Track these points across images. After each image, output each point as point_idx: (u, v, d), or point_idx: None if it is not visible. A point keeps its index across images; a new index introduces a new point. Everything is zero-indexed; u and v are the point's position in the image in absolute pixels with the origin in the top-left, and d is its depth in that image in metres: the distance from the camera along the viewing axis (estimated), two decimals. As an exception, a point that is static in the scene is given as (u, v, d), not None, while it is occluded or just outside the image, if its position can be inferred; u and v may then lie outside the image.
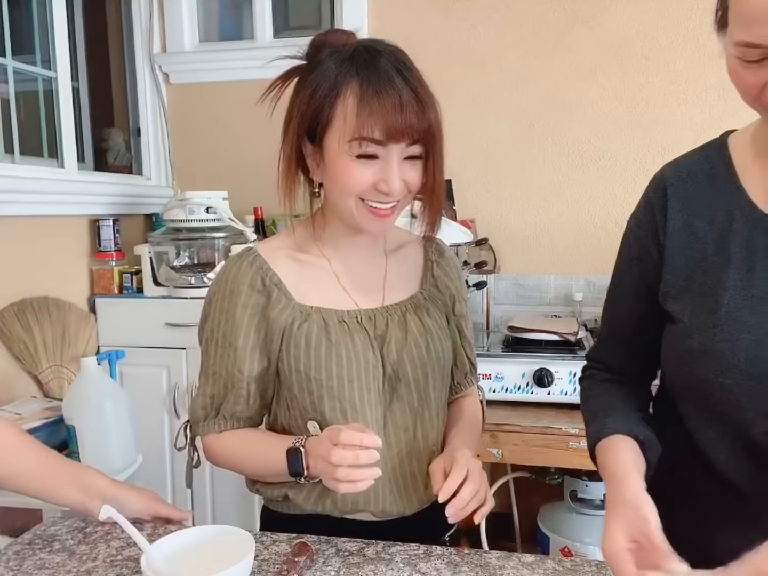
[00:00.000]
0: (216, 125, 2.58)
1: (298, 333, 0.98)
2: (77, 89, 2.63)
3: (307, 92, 0.92)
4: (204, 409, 1.03)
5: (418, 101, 0.90)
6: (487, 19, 2.35)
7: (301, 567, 0.87)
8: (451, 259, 1.14)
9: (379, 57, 0.90)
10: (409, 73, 0.90)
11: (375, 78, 0.88)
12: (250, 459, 1.02)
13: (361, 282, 1.04)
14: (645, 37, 2.24)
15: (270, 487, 1.04)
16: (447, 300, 1.11)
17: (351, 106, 0.88)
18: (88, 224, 2.32)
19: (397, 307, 1.04)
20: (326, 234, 1.03)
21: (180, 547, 0.86)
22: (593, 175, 2.34)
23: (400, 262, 1.09)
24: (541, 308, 2.38)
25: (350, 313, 1.01)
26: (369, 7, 2.44)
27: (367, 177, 0.91)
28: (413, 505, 1.02)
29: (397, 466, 1.01)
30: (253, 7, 2.59)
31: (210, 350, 1.02)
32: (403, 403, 1.02)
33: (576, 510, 1.98)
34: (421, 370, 1.02)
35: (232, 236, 2.25)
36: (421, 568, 0.89)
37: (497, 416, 1.80)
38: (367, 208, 0.94)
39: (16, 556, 0.94)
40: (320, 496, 1.00)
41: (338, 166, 0.92)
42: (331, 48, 0.93)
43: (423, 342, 1.02)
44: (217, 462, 1.05)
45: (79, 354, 2.08)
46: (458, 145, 2.37)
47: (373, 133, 0.88)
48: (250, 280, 0.99)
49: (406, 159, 0.93)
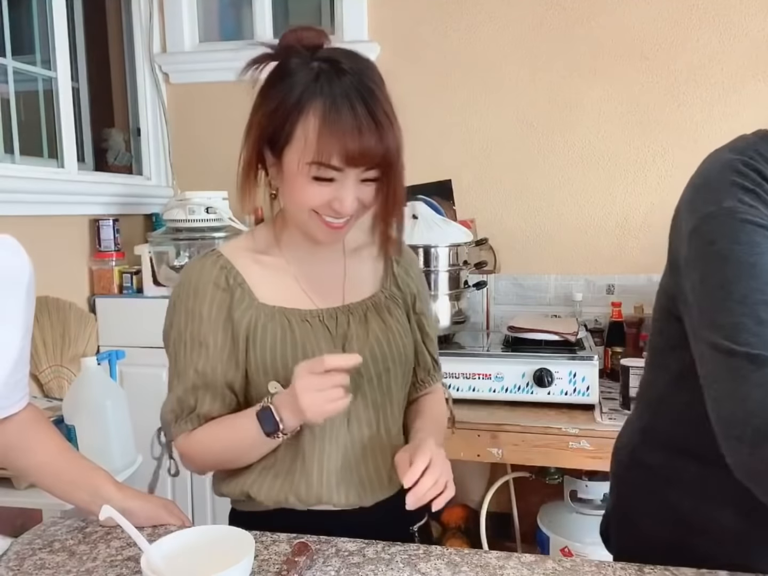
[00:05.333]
0: (216, 125, 2.58)
1: (263, 332, 0.99)
2: (77, 89, 2.64)
3: (270, 106, 0.93)
4: (173, 412, 1.02)
5: (378, 126, 0.90)
6: (487, 19, 2.35)
7: (301, 567, 0.87)
8: (411, 258, 1.17)
9: (343, 78, 0.90)
10: (371, 98, 0.91)
11: (337, 102, 0.89)
12: (223, 442, 1.00)
13: (321, 283, 1.06)
14: (645, 37, 2.25)
15: (230, 483, 1.03)
16: (408, 298, 1.12)
17: (312, 128, 0.90)
18: (88, 224, 2.32)
19: (358, 306, 1.06)
20: (285, 237, 1.05)
21: (180, 547, 0.86)
22: (593, 175, 2.34)
23: (359, 263, 1.10)
24: (541, 308, 2.38)
25: (312, 313, 1.02)
26: (369, 8, 2.44)
27: (322, 196, 0.93)
28: (376, 497, 1.04)
29: (360, 460, 1.02)
30: (253, 7, 2.59)
31: (178, 352, 1.01)
32: (366, 399, 1.04)
33: (576, 510, 1.98)
34: (382, 366, 1.04)
35: (232, 236, 2.25)
36: (421, 568, 0.89)
37: (497, 416, 1.80)
38: (320, 219, 0.96)
39: (16, 556, 0.94)
40: (281, 490, 1.00)
41: (295, 183, 0.94)
42: (300, 54, 0.93)
43: (384, 339, 1.05)
44: (195, 462, 1.04)
45: (79, 354, 2.08)
46: (458, 145, 2.37)
47: (330, 159, 0.89)
48: (215, 278, 1.00)
49: (363, 181, 0.94)
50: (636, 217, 2.31)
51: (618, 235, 2.35)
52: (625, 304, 2.20)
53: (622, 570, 0.88)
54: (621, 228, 2.34)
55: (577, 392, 1.81)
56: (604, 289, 2.33)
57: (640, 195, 2.31)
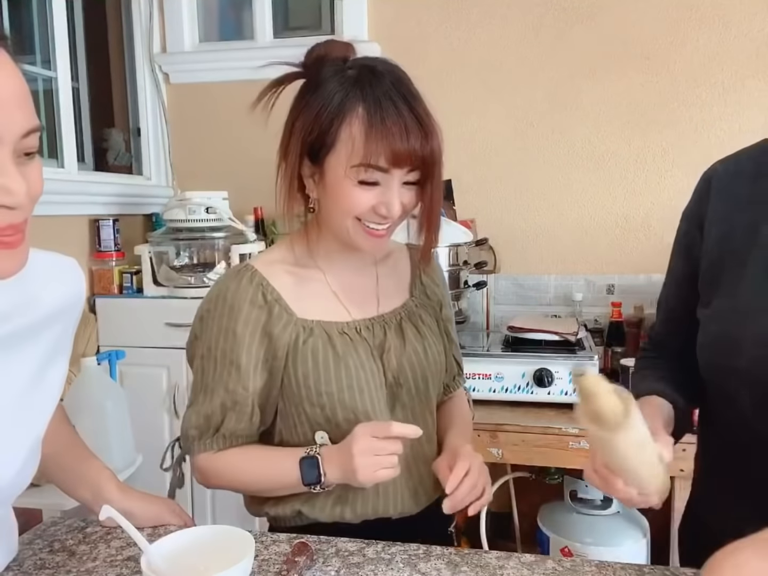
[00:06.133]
0: (216, 125, 2.58)
1: (304, 348, 0.98)
2: (77, 89, 2.63)
3: (310, 114, 0.92)
4: (198, 429, 1.00)
5: (422, 127, 0.91)
6: (487, 19, 2.35)
7: (301, 567, 0.87)
8: (436, 265, 1.18)
9: (382, 80, 0.91)
10: (412, 99, 0.92)
11: (380, 104, 0.89)
12: (255, 474, 1.01)
13: (356, 293, 1.06)
14: (645, 37, 2.24)
15: (280, 505, 1.03)
16: (435, 305, 1.14)
17: (357, 132, 0.89)
18: (88, 224, 2.32)
19: (392, 316, 1.06)
20: (320, 247, 1.04)
21: (180, 547, 0.86)
22: (593, 175, 2.34)
23: (389, 271, 1.11)
24: (540, 308, 2.38)
25: (349, 325, 1.02)
26: (369, 8, 2.43)
27: (368, 201, 0.92)
28: (422, 504, 1.05)
29: (404, 470, 1.01)
30: (253, 7, 2.59)
31: (206, 368, 1.00)
32: (406, 410, 1.05)
33: (576, 510, 1.98)
34: (420, 376, 1.05)
35: (232, 236, 2.25)
36: (421, 568, 0.89)
37: (497, 416, 1.80)
38: (363, 228, 0.95)
39: (16, 556, 0.94)
40: (335, 505, 1.01)
41: (340, 189, 0.93)
42: (332, 64, 0.93)
43: (420, 348, 1.05)
44: (212, 482, 1.04)
45: (79, 354, 2.08)
46: (458, 145, 2.37)
47: (378, 161, 0.89)
48: (251, 296, 0.98)
49: (404, 184, 0.94)
50: (636, 217, 2.31)
51: (618, 235, 2.34)
52: (625, 304, 2.20)
53: (622, 570, 0.88)
54: (621, 228, 2.34)
55: (577, 392, 1.80)
56: (604, 289, 2.33)
57: (640, 195, 2.31)
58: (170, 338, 2.16)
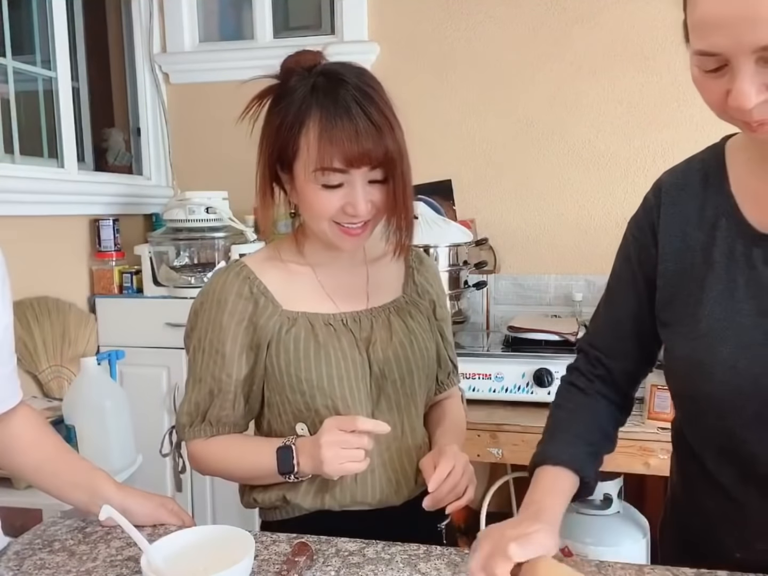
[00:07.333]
0: (216, 125, 2.57)
1: (287, 337, 1.02)
2: (77, 89, 2.63)
3: (274, 124, 0.98)
4: (189, 415, 1.05)
5: (375, 128, 0.93)
6: (487, 19, 2.35)
7: (301, 567, 0.87)
8: (430, 266, 1.20)
9: (339, 87, 0.94)
10: (367, 102, 0.94)
11: (333, 109, 0.93)
12: (238, 462, 1.05)
13: (345, 288, 1.08)
14: (645, 37, 2.24)
15: (267, 491, 1.06)
16: (428, 305, 1.15)
17: (312, 138, 0.93)
18: (88, 224, 2.32)
19: (381, 310, 1.09)
20: (308, 248, 1.08)
21: (180, 547, 0.87)
22: (593, 175, 2.34)
23: (381, 270, 1.13)
24: (541, 308, 2.37)
25: (335, 316, 1.05)
26: (369, 8, 2.43)
27: (334, 203, 0.96)
28: (403, 496, 1.07)
29: (386, 461, 1.05)
30: (253, 7, 2.59)
31: (197, 358, 1.05)
32: (390, 402, 1.06)
33: (576, 510, 1.98)
34: (406, 369, 1.06)
35: (232, 236, 2.25)
36: (421, 568, 0.89)
37: (497, 416, 1.80)
38: (339, 228, 0.99)
39: (16, 556, 0.94)
40: (318, 491, 1.03)
41: (307, 194, 0.98)
42: (299, 73, 0.97)
43: (407, 342, 1.07)
44: (203, 468, 1.08)
45: (79, 354, 2.08)
46: (458, 145, 2.36)
47: (332, 163, 0.93)
48: (237, 288, 1.03)
49: (371, 182, 0.97)
50: (636, 217, 2.31)
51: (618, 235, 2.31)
52: (625, 304, 2.20)
53: (622, 570, 0.88)
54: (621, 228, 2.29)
55: None
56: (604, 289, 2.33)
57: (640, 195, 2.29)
58: (170, 338, 2.16)
